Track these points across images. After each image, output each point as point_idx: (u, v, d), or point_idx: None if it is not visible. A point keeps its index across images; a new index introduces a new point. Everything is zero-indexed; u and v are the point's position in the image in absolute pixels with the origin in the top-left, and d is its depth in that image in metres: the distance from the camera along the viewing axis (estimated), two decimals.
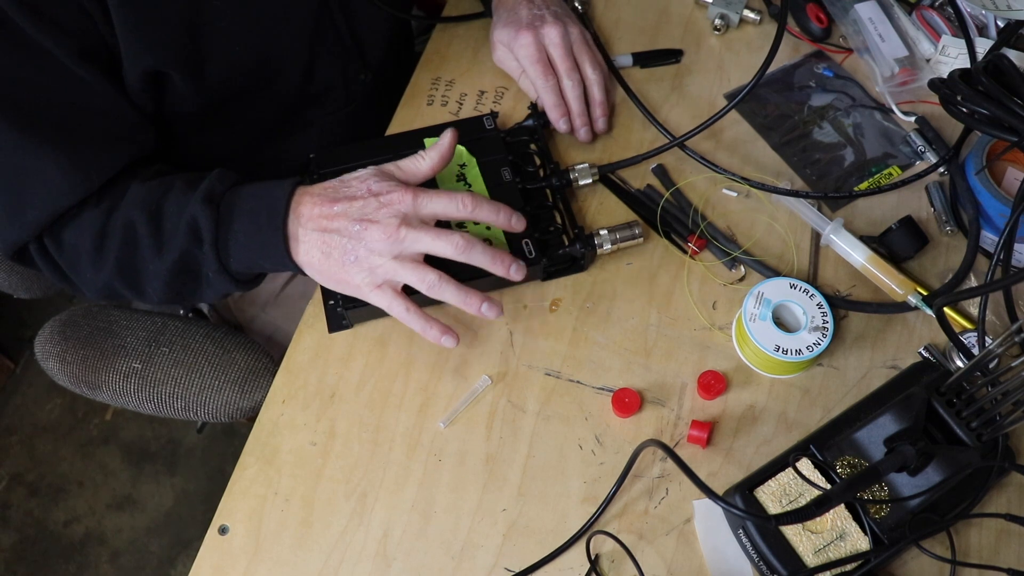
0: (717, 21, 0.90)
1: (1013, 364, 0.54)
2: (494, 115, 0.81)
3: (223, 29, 0.72)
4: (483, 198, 0.68)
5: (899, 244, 0.74)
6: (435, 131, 0.80)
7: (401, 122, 0.86)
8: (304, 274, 0.69)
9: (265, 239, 0.66)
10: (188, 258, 0.68)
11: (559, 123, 0.82)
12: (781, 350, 0.67)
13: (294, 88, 0.83)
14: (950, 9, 0.86)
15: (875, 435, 0.63)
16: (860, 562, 0.60)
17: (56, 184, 0.67)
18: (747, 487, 0.63)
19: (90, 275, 0.71)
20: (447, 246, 0.66)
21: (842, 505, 0.62)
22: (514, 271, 0.68)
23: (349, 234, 0.65)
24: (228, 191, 0.68)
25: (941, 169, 0.79)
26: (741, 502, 0.63)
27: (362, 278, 0.66)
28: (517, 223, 0.69)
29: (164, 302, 0.73)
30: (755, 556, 0.62)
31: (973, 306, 0.73)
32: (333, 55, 0.84)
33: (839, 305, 0.73)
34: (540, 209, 0.77)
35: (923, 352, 0.72)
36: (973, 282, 0.75)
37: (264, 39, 0.76)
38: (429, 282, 0.66)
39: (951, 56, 0.83)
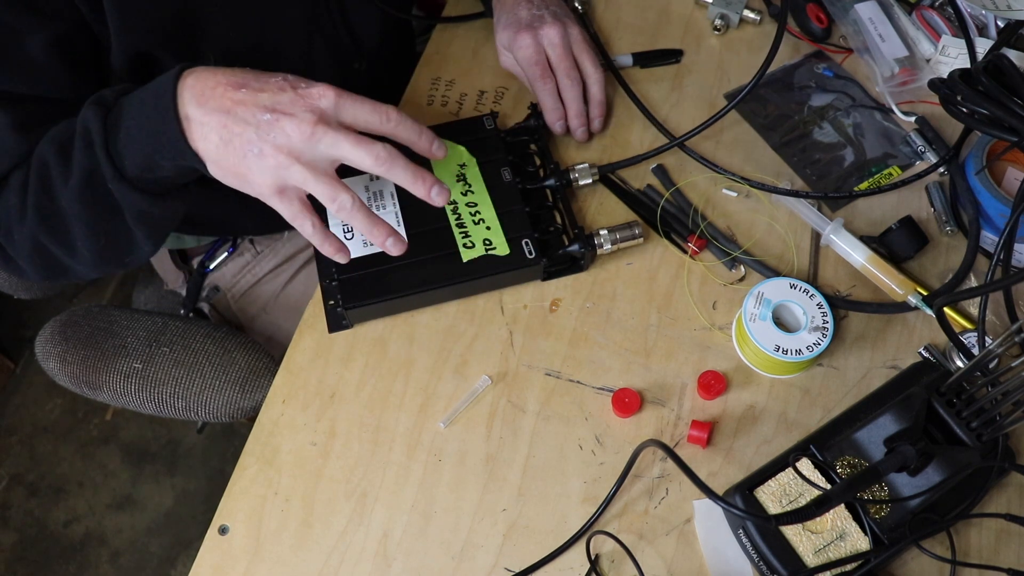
0: (717, 21, 0.90)
1: (1013, 364, 0.54)
2: (494, 115, 0.81)
3: (216, 15, 0.72)
4: (409, 117, 0.61)
5: (899, 244, 0.74)
6: (435, 131, 0.80)
7: None
8: (202, 168, 0.61)
9: (155, 124, 0.59)
10: (90, 175, 0.61)
11: (555, 126, 0.82)
12: (781, 350, 0.67)
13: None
14: (950, 9, 0.86)
15: (875, 435, 0.63)
16: (860, 562, 0.60)
17: None
18: (747, 487, 0.63)
19: (17, 237, 0.66)
20: (366, 156, 0.58)
21: (842, 505, 0.62)
22: (435, 193, 0.62)
23: (256, 123, 0.57)
24: (121, 96, 0.62)
25: (941, 169, 0.79)
26: (741, 502, 0.63)
27: (264, 177, 0.59)
28: (438, 149, 0.63)
29: (101, 257, 0.67)
30: (755, 556, 0.62)
31: (973, 306, 0.73)
32: (327, 42, 0.84)
33: (839, 305, 0.73)
34: (540, 209, 0.77)
35: (923, 352, 0.72)
36: (973, 282, 0.75)
37: (259, 25, 0.76)
38: (340, 202, 0.59)
39: (951, 56, 0.83)
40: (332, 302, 0.74)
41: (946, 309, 0.72)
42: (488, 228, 0.74)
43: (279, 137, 0.57)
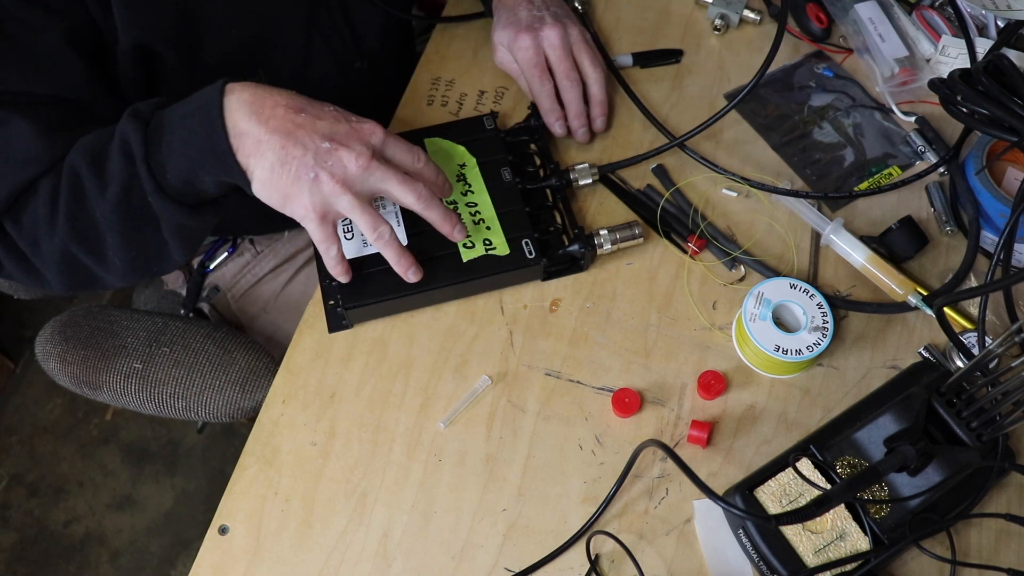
0: (717, 21, 0.90)
1: (1013, 364, 0.54)
2: (494, 115, 0.81)
3: (218, 11, 0.72)
4: (431, 160, 0.68)
5: (899, 244, 0.74)
6: (435, 131, 0.80)
7: (401, 122, 0.86)
8: (244, 185, 0.62)
9: (201, 139, 0.59)
10: (129, 187, 0.61)
11: (554, 127, 0.81)
12: (781, 350, 0.67)
13: (288, 74, 0.82)
14: (950, 9, 0.86)
15: (875, 435, 0.63)
16: (860, 562, 0.60)
17: (19, 152, 0.63)
18: (747, 487, 0.63)
19: (46, 248, 0.65)
20: (410, 194, 0.63)
21: (842, 505, 0.62)
22: (458, 231, 0.69)
23: (315, 149, 0.59)
24: (159, 109, 0.63)
25: (941, 169, 0.79)
26: (741, 502, 0.63)
27: (312, 201, 0.61)
28: (448, 191, 0.71)
29: (132, 266, 0.67)
30: (755, 556, 0.62)
31: (973, 306, 0.73)
32: (327, 41, 0.84)
33: (839, 305, 0.73)
34: (540, 209, 0.77)
35: (923, 352, 0.72)
36: (973, 282, 0.75)
37: (259, 22, 0.76)
38: (380, 232, 0.64)
39: (951, 56, 0.83)
40: (332, 302, 0.74)
41: (946, 309, 0.72)
42: (488, 228, 0.74)
43: (336, 166, 0.60)
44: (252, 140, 0.59)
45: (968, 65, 0.81)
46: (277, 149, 0.59)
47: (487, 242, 0.73)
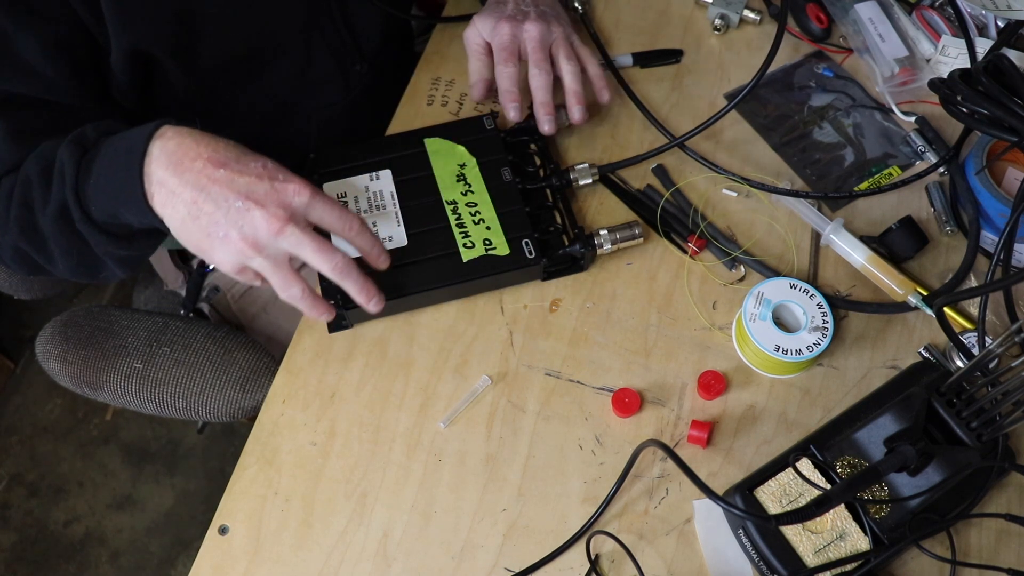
0: (717, 21, 0.90)
1: (1013, 364, 0.54)
2: (494, 115, 0.81)
3: (215, 15, 0.72)
4: (368, 229, 0.64)
5: (899, 244, 0.74)
6: (435, 131, 0.80)
7: (401, 122, 0.86)
8: (165, 230, 0.62)
9: (120, 182, 0.59)
10: (63, 209, 0.63)
11: (508, 108, 0.79)
12: (781, 350, 0.67)
13: (288, 78, 0.82)
14: (950, 9, 0.86)
15: (875, 435, 0.63)
16: (860, 562, 0.60)
17: None
18: (747, 487, 0.63)
19: (1, 240, 0.68)
20: (325, 264, 0.61)
21: (842, 505, 0.62)
22: (373, 304, 0.66)
23: (227, 207, 0.58)
24: (104, 136, 0.63)
25: (941, 169, 0.79)
26: (741, 502, 0.63)
27: (226, 258, 0.60)
28: (384, 263, 0.67)
29: (77, 272, 0.69)
30: (755, 556, 0.62)
31: (973, 306, 0.73)
32: (328, 44, 0.84)
33: (839, 305, 0.73)
34: (540, 209, 0.77)
35: (923, 352, 0.72)
36: (973, 282, 0.75)
37: (257, 25, 0.76)
38: (291, 293, 0.62)
39: (951, 56, 0.83)
40: (332, 302, 0.74)
41: (946, 309, 0.72)
42: (488, 228, 0.74)
43: (247, 227, 0.58)
44: (166, 191, 0.59)
45: (968, 65, 0.81)
46: (188, 203, 0.58)
47: (487, 242, 0.73)
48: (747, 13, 0.91)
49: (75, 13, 0.64)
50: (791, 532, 0.62)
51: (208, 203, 0.58)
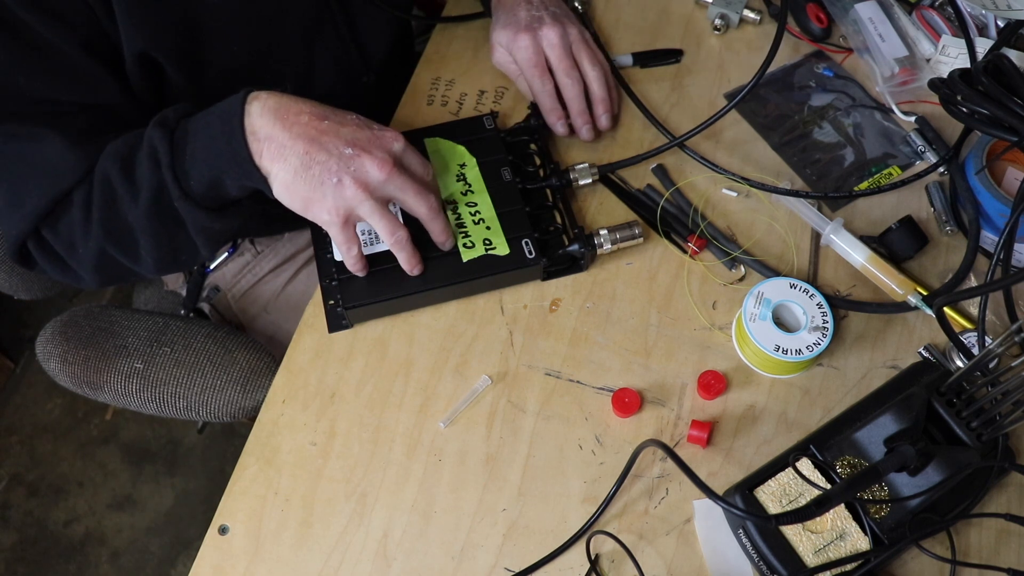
0: (717, 21, 0.90)
1: (1013, 364, 0.54)
2: (494, 115, 0.81)
3: (219, 24, 0.72)
4: (435, 174, 0.70)
5: (899, 244, 0.74)
6: (435, 131, 0.80)
7: (401, 122, 0.86)
8: (265, 189, 0.64)
9: (221, 146, 0.62)
10: (158, 193, 0.64)
11: (556, 126, 0.82)
12: (781, 350, 0.67)
13: (291, 89, 0.82)
14: (950, 9, 0.86)
15: (875, 435, 0.63)
16: (860, 562, 0.60)
17: (54, 165, 0.66)
18: (747, 487, 0.63)
19: (82, 251, 0.69)
20: (423, 204, 0.66)
21: (842, 505, 0.62)
22: (448, 243, 0.71)
23: (339, 154, 0.61)
24: (184, 117, 0.65)
25: (941, 169, 0.79)
26: (741, 502, 0.63)
27: (335, 204, 0.63)
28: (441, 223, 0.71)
29: (162, 263, 0.70)
30: (755, 556, 0.62)
31: (973, 306, 0.73)
32: (334, 58, 0.84)
33: (839, 305, 0.73)
34: (540, 209, 0.77)
35: (923, 352, 0.72)
36: (973, 282, 0.75)
37: (261, 35, 0.76)
38: (397, 237, 0.66)
39: (951, 56, 0.83)
40: (332, 302, 0.74)
41: (946, 309, 0.72)
42: (488, 228, 0.74)
43: (359, 171, 0.62)
44: (276, 145, 0.61)
45: (968, 65, 0.81)
46: (301, 154, 0.61)
47: (487, 242, 0.73)
48: (747, 13, 0.91)
49: (96, 18, 0.65)
50: (791, 532, 0.62)
51: (321, 152, 0.61)
